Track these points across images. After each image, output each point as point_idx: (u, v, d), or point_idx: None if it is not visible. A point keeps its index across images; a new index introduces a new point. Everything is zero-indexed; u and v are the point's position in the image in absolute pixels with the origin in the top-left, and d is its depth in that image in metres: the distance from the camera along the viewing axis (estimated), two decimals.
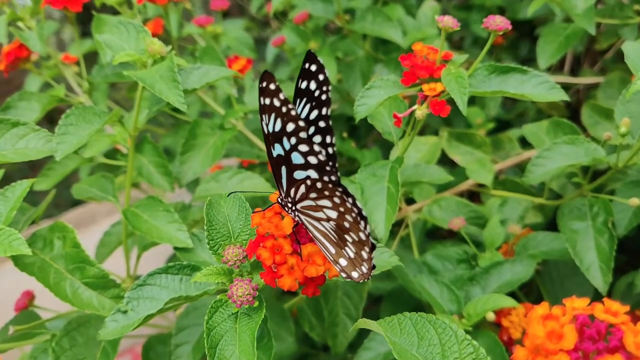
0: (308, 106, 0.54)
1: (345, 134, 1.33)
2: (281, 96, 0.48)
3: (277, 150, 0.51)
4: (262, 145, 0.98)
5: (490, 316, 0.75)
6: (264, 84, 0.48)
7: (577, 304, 0.42)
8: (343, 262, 0.51)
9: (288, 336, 0.87)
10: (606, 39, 1.20)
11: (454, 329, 0.45)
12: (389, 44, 1.25)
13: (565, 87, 0.89)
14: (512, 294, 0.77)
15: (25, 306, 0.82)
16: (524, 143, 1.11)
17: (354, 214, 0.49)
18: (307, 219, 0.52)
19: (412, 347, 0.46)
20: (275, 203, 0.54)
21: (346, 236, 0.50)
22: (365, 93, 0.71)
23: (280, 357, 1.03)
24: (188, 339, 0.71)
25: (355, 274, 0.51)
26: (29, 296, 0.83)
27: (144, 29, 0.70)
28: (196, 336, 0.71)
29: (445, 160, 1.11)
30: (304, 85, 0.53)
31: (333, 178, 0.52)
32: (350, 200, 0.49)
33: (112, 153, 0.98)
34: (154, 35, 1.07)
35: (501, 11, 1.38)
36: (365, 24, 1.12)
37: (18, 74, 0.96)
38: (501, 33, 0.63)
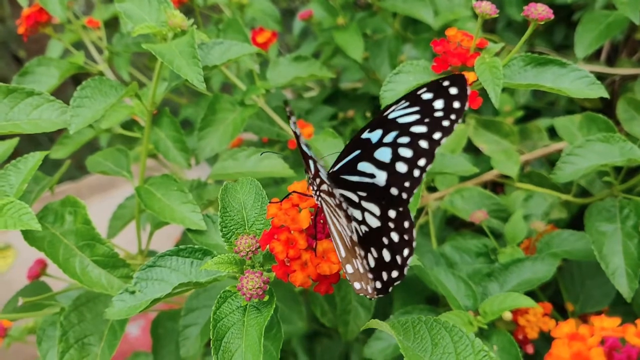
0: (416, 116, 0.48)
1: (368, 114, 1.30)
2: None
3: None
4: (283, 124, 0.96)
5: (507, 315, 0.73)
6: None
7: (607, 323, 0.40)
8: (349, 268, 0.48)
9: (299, 320, 0.86)
10: None
11: (470, 338, 0.43)
12: (419, 23, 1.22)
13: (601, 77, 0.85)
14: (529, 292, 0.75)
15: (38, 275, 0.82)
16: (553, 133, 1.07)
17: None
18: (329, 210, 0.48)
19: (425, 353, 0.44)
20: (291, 193, 0.52)
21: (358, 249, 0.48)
22: (394, 78, 0.68)
23: (290, 336, 1.02)
24: (197, 320, 0.70)
25: (357, 285, 0.48)
26: (42, 265, 0.83)
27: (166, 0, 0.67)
28: (205, 319, 0.70)
29: (470, 147, 1.08)
30: (426, 96, 0.47)
31: (398, 209, 0.49)
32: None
33: (130, 124, 0.96)
34: (179, 2, 1.05)
35: None
36: (396, 2, 1.08)
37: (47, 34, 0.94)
38: (542, 23, 0.60)
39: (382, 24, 1.22)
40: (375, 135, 0.49)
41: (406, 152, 0.48)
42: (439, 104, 0.47)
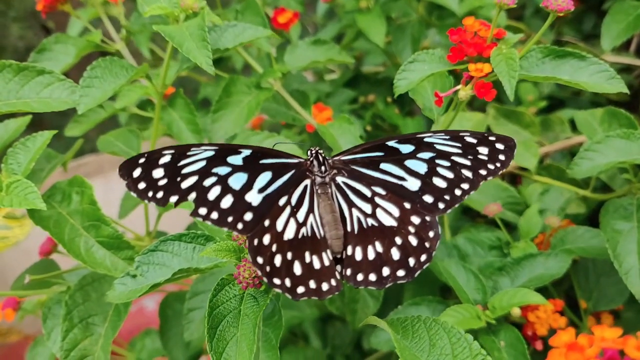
0: (457, 150, 0.53)
1: (389, 99, 1.28)
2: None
3: None
4: (299, 108, 0.95)
5: (516, 312, 0.71)
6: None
7: (608, 334, 0.38)
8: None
9: (307, 307, 0.86)
10: None
11: (468, 341, 0.42)
12: (444, 9, 1.18)
13: (628, 68, 0.82)
14: (541, 287, 0.74)
15: (49, 251, 0.82)
16: (576, 125, 1.04)
17: None
18: None
19: (423, 353, 0.44)
20: None
21: None
22: (408, 66, 0.66)
23: (300, 321, 1.02)
24: (201, 304, 0.70)
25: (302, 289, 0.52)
26: (53, 242, 0.83)
27: None
28: None
29: None
30: (469, 139, 0.53)
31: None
32: None
33: (146, 104, 0.96)
34: None
35: None
36: None
37: (75, 7, 0.93)
38: (562, 14, 0.58)
39: (407, 8, 1.19)
40: (405, 148, 0.54)
41: (447, 173, 0.53)
42: (483, 150, 0.53)
